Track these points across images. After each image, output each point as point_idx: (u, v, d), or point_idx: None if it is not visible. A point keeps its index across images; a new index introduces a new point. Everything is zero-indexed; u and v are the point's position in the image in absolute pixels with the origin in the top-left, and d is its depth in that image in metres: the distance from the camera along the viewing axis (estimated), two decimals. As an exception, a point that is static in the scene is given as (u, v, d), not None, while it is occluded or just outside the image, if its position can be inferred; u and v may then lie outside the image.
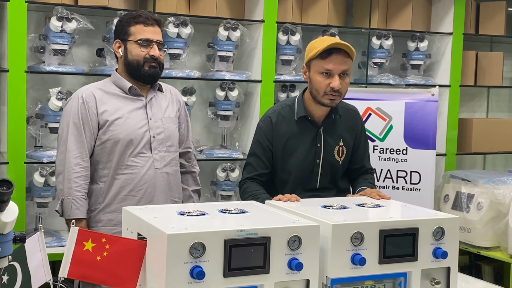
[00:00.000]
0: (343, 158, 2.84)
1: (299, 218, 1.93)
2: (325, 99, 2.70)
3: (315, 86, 2.71)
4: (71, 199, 2.73)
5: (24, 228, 3.68)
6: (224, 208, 2.02)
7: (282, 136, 2.79)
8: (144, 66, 2.79)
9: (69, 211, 2.73)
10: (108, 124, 2.77)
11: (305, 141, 2.79)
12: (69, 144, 2.75)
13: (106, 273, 1.83)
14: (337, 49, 2.67)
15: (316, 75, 2.70)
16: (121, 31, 2.84)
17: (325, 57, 2.67)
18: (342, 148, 2.83)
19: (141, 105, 2.84)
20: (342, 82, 2.67)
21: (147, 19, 2.81)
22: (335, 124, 2.83)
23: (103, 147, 2.78)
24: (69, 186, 2.73)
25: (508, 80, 5.52)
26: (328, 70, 2.66)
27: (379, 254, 1.92)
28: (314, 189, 2.80)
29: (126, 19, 2.84)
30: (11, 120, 3.60)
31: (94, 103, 2.78)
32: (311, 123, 2.80)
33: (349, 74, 2.71)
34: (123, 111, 2.80)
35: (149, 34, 2.80)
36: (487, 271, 4.42)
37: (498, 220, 4.02)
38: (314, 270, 1.83)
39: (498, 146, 5.08)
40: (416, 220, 1.99)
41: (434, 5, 4.95)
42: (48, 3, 3.76)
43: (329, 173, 2.83)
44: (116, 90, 2.84)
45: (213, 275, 1.71)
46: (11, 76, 3.59)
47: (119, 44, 2.83)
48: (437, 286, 2.00)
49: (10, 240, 1.73)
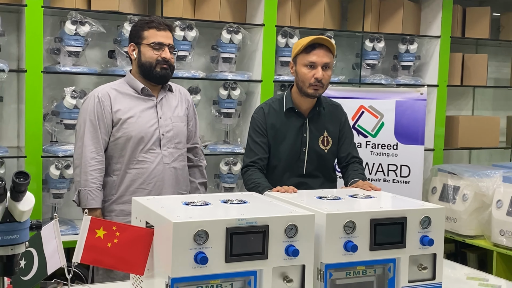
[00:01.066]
0: (329, 148, 2.93)
1: (296, 208, 1.94)
2: (310, 90, 2.82)
3: (301, 78, 2.84)
4: (87, 190, 2.76)
5: (41, 217, 3.69)
6: (226, 199, 2.03)
7: (273, 126, 2.89)
8: (156, 67, 2.81)
9: (86, 201, 2.77)
10: (121, 122, 2.79)
11: (292, 130, 2.89)
12: (86, 139, 2.78)
13: (116, 259, 1.84)
14: (319, 44, 2.82)
15: (301, 67, 2.83)
16: (135, 35, 2.85)
17: (309, 51, 2.81)
18: (327, 138, 2.93)
19: (152, 105, 2.86)
20: (324, 74, 2.81)
21: (159, 24, 2.83)
22: (320, 117, 2.94)
23: (116, 143, 2.81)
24: (85, 178, 2.77)
25: (493, 80, 5.52)
26: (312, 62, 2.80)
27: (370, 242, 1.92)
28: (301, 175, 2.90)
29: (140, 24, 2.86)
30: (29, 117, 3.60)
31: (109, 102, 2.80)
32: (298, 114, 2.91)
33: (330, 68, 2.86)
34: (135, 110, 2.82)
35: (161, 38, 2.82)
36: (472, 258, 4.42)
37: (482, 210, 4.03)
38: (310, 256, 1.84)
39: (483, 142, 5.08)
40: (405, 210, 1.99)
41: (423, 10, 4.94)
42: (63, 8, 3.76)
43: (315, 161, 2.91)
44: (129, 90, 2.86)
45: (215, 260, 1.71)
46: (29, 76, 3.60)
47: (133, 47, 2.86)
48: (424, 272, 2.01)
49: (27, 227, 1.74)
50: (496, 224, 3.84)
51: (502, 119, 5.33)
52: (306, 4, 4.49)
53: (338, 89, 4.23)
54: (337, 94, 4.12)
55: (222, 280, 1.74)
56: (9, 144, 3.90)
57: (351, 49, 4.84)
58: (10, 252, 1.72)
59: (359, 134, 4.09)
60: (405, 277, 1.97)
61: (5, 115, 3.90)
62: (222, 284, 1.75)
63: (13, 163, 3.79)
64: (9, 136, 3.95)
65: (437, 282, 2.03)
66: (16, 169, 3.77)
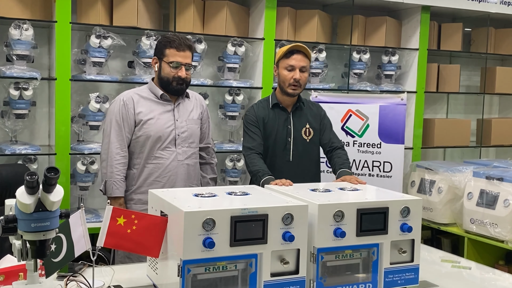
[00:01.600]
0: (311, 137, 3.03)
1: (292, 199, 1.94)
2: (289, 89, 2.95)
3: (282, 79, 2.97)
4: (112, 181, 2.80)
5: (69, 206, 3.69)
6: (231, 191, 2.03)
7: (262, 120, 2.98)
8: (172, 83, 2.83)
9: (111, 190, 2.81)
10: (142, 123, 2.82)
11: (279, 123, 3.00)
12: (112, 137, 2.82)
13: (135, 243, 1.84)
14: (297, 50, 2.95)
15: (282, 70, 2.96)
16: (158, 51, 2.86)
17: (288, 56, 2.94)
18: (308, 130, 3.03)
19: (170, 109, 2.89)
20: (301, 75, 2.94)
21: (180, 45, 2.82)
22: (302, 111, 3.05)
23: (137, 141, 2.84)
24: (111, 170, 2.81)
25: (464, 87, 5.51)
26: (291, 65, 2.93)
27: (357, 229, 1.92)
28: (288, 161, 2.99)
29: (164, 42, 2.85)
30: (58, 119, 3.61)
31: (132, 105, 2.83)
32: (282, 109, 3.02)
33: (307, 70, 2.98)
34: (155, 113, 2.85)
35: (180, 58, 2.82)
36: (446, 243, 4.42)
37: (455, 201, 4.02)
38: (304, 241, 1.84)
39: (456, 141, 5.07)
40: (387, 201, 2.00)
41: (403, 25, 4.94)
42: (88, 24, 3.76)
43: (299, 149, 3.01)
44: (150, 95, 2.89)
45: (221, 245, 1.72)
46: (58, 83, 3.60)
47: (156, 61, 2.87)
48: (403, 255, 2.01)
49: (57, 216, 1.75)
50: (467, 214, 3.84)
51: (473, 121, 5.33)
52: (301, 20, 4.49)
53: (329, 95, 4.23)
54: (328, 99, 4.12)
55: (227, 262, 1.75)
56: (41, 143, 3.90)
57: (340, 60, 4.84)
58: (42, 237, 1.73)
59: (347, 135, 4.08)
60: (387, 260, 1.98)
61: (37, 117, 3.90)
62: (227, 265, 1.75)
63: (45, 159, 3.79)
64: (41, 136, 3.95)
65: (415, 264, 2.03)
66: (47, 165, 3.77)
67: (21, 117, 3.61)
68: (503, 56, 5.44)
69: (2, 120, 3.63)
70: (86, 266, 2.07)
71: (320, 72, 4.52)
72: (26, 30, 3.50)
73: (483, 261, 3.38)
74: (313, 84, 4.50)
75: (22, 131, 3.80)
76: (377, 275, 1.97)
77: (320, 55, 4.46)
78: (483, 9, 4.87)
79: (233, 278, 1.77)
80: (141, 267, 2.18)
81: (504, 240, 3.59)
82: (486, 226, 3.70)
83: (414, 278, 2.03)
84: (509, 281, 2.30)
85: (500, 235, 3.60)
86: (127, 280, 2.04)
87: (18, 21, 3.50)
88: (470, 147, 5.22)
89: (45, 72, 3.86)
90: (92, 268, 1.92)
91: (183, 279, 1.69)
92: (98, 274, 2.07)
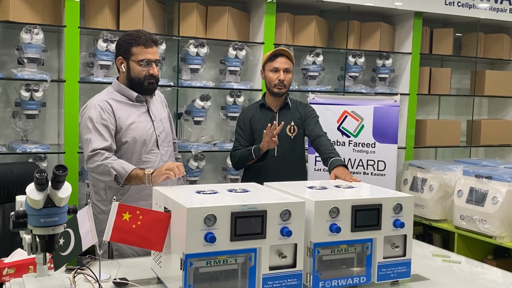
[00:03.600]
0: (295, 134, 3.13)
1: (289, 196, 1.93)
2: (275, 89, 3.08)
3: (268, 80, 3.10)
4: (115, 163, 2.40)
5: (77, 202, 3.69)
6: (231, 188, 2.03)
7: (249, 121, 3.15)
8: (144, 82, 2.58)
9: (123, 170, 2.36)
10: (125, 129, 2.55)
11: (265, 122, 3.08)
12: (95, 143, 2.45)
13: (140, 238, 1.84)
14: (281, 54, 3.08)
15: (268, 72, 3.09)
16: (124, 50, 2.57)
17: (273, 59, 3.08)
18: (293, 127, 3.13)
19: (144, 110, 2.65)
20: (285, 76, 3.07)
21: (147, 41, 2.55)
22: (288, 111, 3.15)
23: (123, 148, 2.56)
24: (105, 162, 2.41)
25: (455, 90, 5.51)
26: (275, 67, 3.06)
27: (351, 224, 1.92)
28: (272, 156, 3.08)
29: (129, 40, 2.56)
30: (67, 120, 3.61)
31: (111, 110, 2.54)
32: (268, 109, 3.16)
33: (290, 72, 3.10)
34: (133, 117, 2.59)
35: (149, 55, 2.55)
36: (437, 238, 4.42)
37: (446, 198, 4.02)
38: (301, 236, 1.84)
39: (447, 141, 5.07)
40: (380, 198, 1.99)
41: (397, 31, 4.94)
42: (96, 28, 3.76)
43: (284, 145, 3.10)
44: (123, 98, 2.61)
45: (222, 239, 1.71)
46: (67, 85, 3.60)
47: (122, 61, 2.58)
48: (396, 250, 2.00)
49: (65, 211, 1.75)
50: (457, 210, 3.84)
51: (463, 122, 5.33)
52: (299, 25, 4.49)
53: (325, 97, 4.22)
54: (324, 101, 4.12)
55: (228, 256, 1.74)
56: (50, 142, 3.90)
57: (337, 63, 4.84)
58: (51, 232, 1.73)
59: (343, 135, 4.08)
60: (381, 254, 1.97)
61: (47, 117, 3.90)
62: (227, 259, 1.75)
63: (54, 158, 3.79)
64: (51, 135, 3.95)
65: (407, 258, 2.03)
66: (56, 163, 3.78)
67: (32, 117, 3.61)
68: (492, 60, 5.44)
69: (13, 120, 3.63)
70: (93, 259, 2.07)
71: (317, 75, 4.52)
72: (37, 34, 3.50)
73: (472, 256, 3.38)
74: (311, 86, 4.50)
75: (32, 131, 3.80)
76: (370, 268, 1.96)
77: (317, 59, 4.46)
78: (473, 15, 4.87)
79: (233, 272, 1.76)
80: (145, 261, 2.18)
81: (493, 235, 3.59)
82: (475, 222, 3.70)
83: (406, 272, 2.02)
84: (497, 275, 2.30)
85: (489, 231, 3.60)
86: (132, 273, 2.04)
87: (29, 26, 3.50)
88: (461, 147, 5.22)
89: (54, 75, 3.86)
90: (98, 262, 1.92)
91: (185, 272, 1.69)
92: (105, 267, 2.07)
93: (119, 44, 2.60)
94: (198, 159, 4.10)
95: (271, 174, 2.99)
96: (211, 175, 4.46)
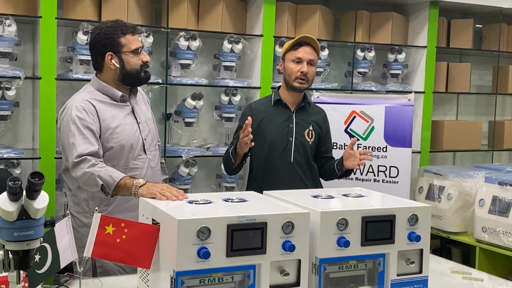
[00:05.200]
0: (312, 140, 3.04)
1: (292, 206, 1.93)
2: (296, 83, 2.95)
3: (288, 72, 2.97)
4: (102, 171, 2.35)
5: (54, 214, 3.68)
6: (227, 197, 2.03)
7: (257, 117, 2.98)
8: (141, 73, 2.61)
9: (110, 179, 2.32)
10: (110, 132, 2.53)
11: (278, 120, 2.99)
12: (80, 148, 2.41)
13: (125, 253, 1.83)
14: (306, 43, 2.96)
15: (289, 63, 2.97)
16: (110, 44, 2.55)
17: (296, 48, 2.96)
18: (311, 132, 3.05)
19: (129, 111, 2.64)
20: (309, 69, 2.94)
21: (131, 28, 2.59)
22: (306, 112, 3.05)
23: (111, 153, 2.54)
24: (92, 169, 2.37)
25: (475, 87, 5.52)
26: (298, 58, 2.94)
27: (361, 238, 1.92)
28: (288, 163, 2.98)
29: (113, 32, 2.55)
30: (43, 121, 3.60)
31: (95, 112, 2.51)
32: (284, 106, 3.02)
33: (315, 64, 2.98)
34: (118, 119, 2.57)
35: (139, 42, 2.60)
36: (456, 253, 4.42)
37: (466, 208, 4.03)
38: (305, 251, 1.84)
39: (466, 144, 5.08)
40: (394, 208, 1.99)
41: (411, 22, 4.95)
42: (75, 19, 3.76)
43: (301, 150, 3.00)
44: (105, 98, 2.58)
45: (217, 255, 1.71)
46: (43, 83, 3.60)
47: (112, 56, 2.56)
48: (411, 266, 2.01)
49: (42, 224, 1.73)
50: (479, 222, 3.84)
51: (484, 123, 5.34)
52: (301, 16, 4.50)
53: (331, 95, 4.23)
54: (330, 100, 4.13)
55: (224, 274, 1.74)
56: (24, 146, 3.90)
57: (344, 58, 4.85)
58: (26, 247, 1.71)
59: (351, 137, 4.08)
60: (394, 271, 1.97)
61: (21, 119, 3.90)
62: (223, 277, 1.74)
63: (28, 164, 3.78)
64: (25, 139, 3.95)
65: (423, 275, 2.03)
66: (31, 169, 3.77)
67: (3, 118, 3.60)
68: (516, 54, 5.46)
69: (-18, 122, 3.63)
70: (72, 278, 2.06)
71: (322, 71, 4.53)
72: (9, 26, 3.50)
73: (495, 273, 3.38)
74: (315, 83, 4.50)
75: (4, 134, 3.79)
76: (383, 287, 1.96)
77: (322, 53, 4.46)
78: (495, 4, 4.89)
79: (229, 291, 1.76)
80: (131, 279, 2.17)
81: (518, 250, 3.60)
82: (499, 235, 3.70)
83: (423, 291, 2.02)
84: (524, 294, 2.30)
85: (514, 245, 3.61)
86: (116, 292, 2.03)
87: (0, 17, 3.49)
88: (482, 150, 5.23)
89: (29, 71, 3.86)
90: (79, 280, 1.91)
91: (176, 292, 1.68)
92: (86, 286, 2.06)
93: (101, 39, 2.56)
94: (189, 165, 4.10)
95: (285, 182, 2.92)
96: (204, 183, 4.46)
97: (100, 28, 2.59)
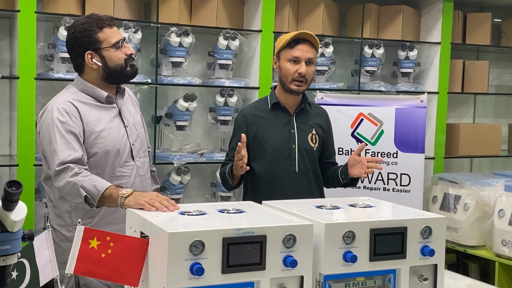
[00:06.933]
0: (317, 146, 2.97)
1: (294, 218, 1.93)
2: (293, 85, 2.85)
3: (284, 73, 2.86)
4: (86, 180, 2.32)
5: (33, 226, 3.68)
6: (223, 208, 2.02)
7: (253, 125, 2.91)
8: (127, 67, 2.58)
9: (95, 189, 2.29)
10: (95, 137, 2.51)
11: (277, 126, 2.92)
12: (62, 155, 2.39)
13: (110, 270, 1.83)
14: (303, 39, 2.85)
15: (285, 63, 2.86)
16: (88, 42, 2.53)
17: (293, 46, 2.84)
18: (315, 136, 2.97)
19: (116, 113, 2.61)
20: (308, 69, 2.84)
21: (107, 21, 2.56)
22: (307, 114, 2.98)
23: (92, 161, 2.50)
24: (75, 178, 2.34)
25: (494, 87, 5.54)
26: (295, 57, 2.83)
27: (370, 252, 1.91)
28: (293, 173, 2.90)
29: (88, 28, 2.53)
30: (21, 125, 3.60)
31: (78, 114, 2.49)
32: (283, 111, 2.94)
33: (314, 63, 2.89)
34: (104, 122, 2.55)
35: (119, 35, 2.58)
36: (474, 268, 4.42)
37: (484, 220, 4.03)
38: (308, 267, 1.83)
39: (484, 150, 5.09)
40: (405, 220, 1.99)
41: (423, 16, 4.96)
42: (56, 13, 3.77)
43: (305, 158, 2.93)
44: (90, 99, 2.56)
45: (212, 271, 1.71)
46: (21, 82, 3.60)
47: (92, 55, 2.54)
48: (425, 283, 2.00)
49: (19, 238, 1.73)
50: (498, 234, 3.84)
51: (504, 126, 5.35)
52: (304, 10, 4.51)
53: (336, 96, 4.24)
54: (335, 101, 4.13)
55: (219, 292, 1.74)
56: (0, 152, 3.90)
57: (350, 56, 4.86)
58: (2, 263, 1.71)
59: (358, 142, 4.09)
60: (406, 288, 1.98)
61: (-3, 122, 3.90)
62: (218, 295, 1.74)
63: (5, 171, 3.78)
64: (1, 144, 3.95)
65: (438, 293, 2.03)
66: (8, 178, 3.77)
67: (-22, 122, 3.61)
68: (538, 51, 5.48)
69: (-45, 125, 3.63)
70: (53, 296, 2.06)
71: (327, 70, 4.54)
72: (-16, 21, 3.50)
73: (517, 290, 3.38)
74: (319, 83, 4.51)
75: (-22, 139, 3.80)
76: (394, 306, 1.96)
77: (326, 50, 4.47)
78: (515, -3, 4.91)
79: (225, 311, 1.76)
80: (117, 298, 2.17)
81: (541, 265, 3.60)
82: (520, 249, 3.70)
83: (437, 310, 2.02)
84: (548, 313, 2.30)
85: (537, 259, 3.61)
86: (101, 313, 2.03)
87: (-25, 11, 3.51)
88: (501, 156, 5.24)
89: (5, 70, 3.86)
90: (60, 299, 1.91)
91: (167, 312, 1.68)
92: (67, 306, 2.06)
93: (77, 39, 2.55)
94: (181, 172, 4.10)
95: (290, 196, 2.72)
96: (197, 192, 4.46)
97: (74, 27, 2.57)
